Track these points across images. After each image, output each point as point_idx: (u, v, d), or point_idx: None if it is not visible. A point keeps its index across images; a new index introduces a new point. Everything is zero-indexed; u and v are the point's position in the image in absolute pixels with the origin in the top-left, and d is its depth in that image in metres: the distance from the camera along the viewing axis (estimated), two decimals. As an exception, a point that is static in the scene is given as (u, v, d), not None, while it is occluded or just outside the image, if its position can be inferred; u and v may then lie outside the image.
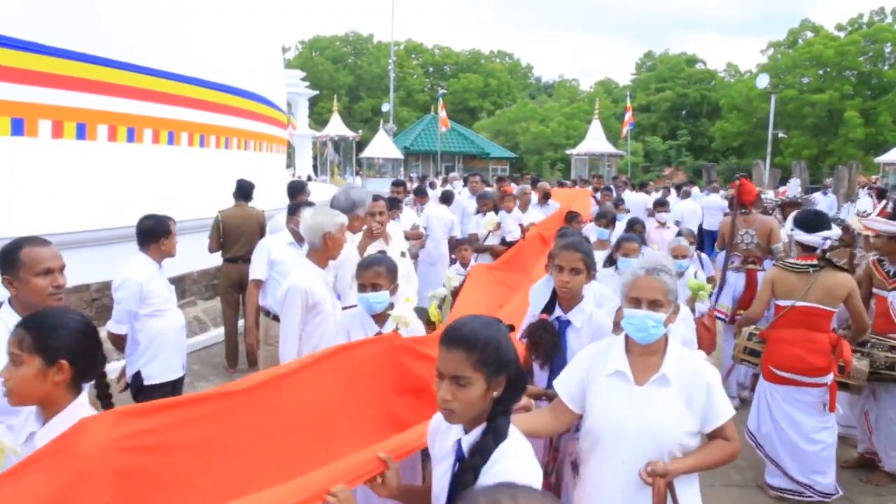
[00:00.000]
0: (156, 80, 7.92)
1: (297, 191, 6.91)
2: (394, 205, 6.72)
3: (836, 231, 4.63)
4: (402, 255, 4.88)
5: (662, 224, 8.73)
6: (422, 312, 4.38)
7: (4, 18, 6.25)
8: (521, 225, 7.74)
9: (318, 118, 42.99)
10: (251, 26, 10.59)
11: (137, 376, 4.03)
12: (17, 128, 6.46)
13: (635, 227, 6.29)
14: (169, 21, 8.21)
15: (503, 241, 7.46)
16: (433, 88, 57.20)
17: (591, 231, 6.48)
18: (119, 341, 4.02)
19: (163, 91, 8.07)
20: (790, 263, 4.43)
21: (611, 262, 4.97)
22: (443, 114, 28.84)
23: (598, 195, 11.08)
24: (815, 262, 4.32)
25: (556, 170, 40.03)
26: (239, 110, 10.15)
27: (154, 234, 4.06)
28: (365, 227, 4.56)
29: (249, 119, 10.65)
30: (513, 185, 13.86)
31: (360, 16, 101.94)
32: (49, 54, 6.62)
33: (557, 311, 3.16)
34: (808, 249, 4.44)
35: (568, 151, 37.47)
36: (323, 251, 3.69)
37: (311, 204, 5.20)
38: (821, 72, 39.56)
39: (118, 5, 7.49)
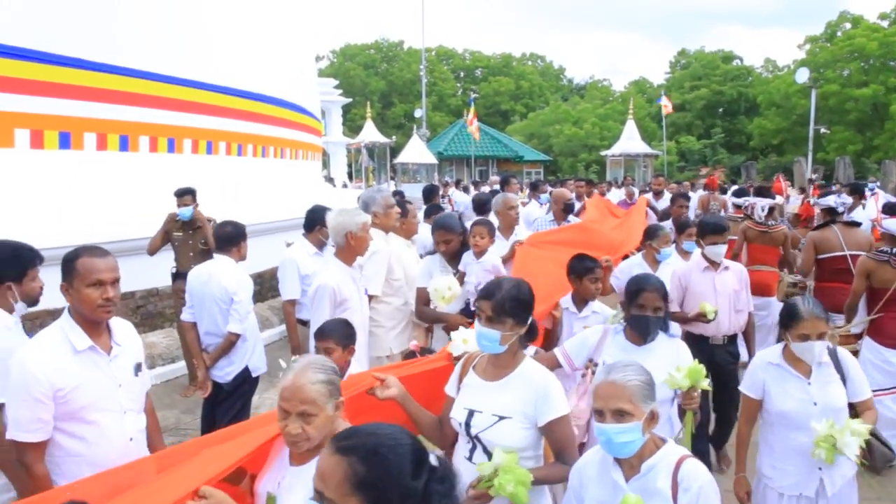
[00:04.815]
0: (194, 92, 8.11)
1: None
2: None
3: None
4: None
5: (687, 256, 5.31)
6: None
7: (52, 37, 6.48)
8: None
9: (352, 125, 43.41)
10: (286, 37, 10.76)
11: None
12: (65, 141, 6.69)
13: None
14: (207, 33, 8.40)
15: (466, 310, 4.33)
16: (465, 93, 57.29)
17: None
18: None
19: (201, 102, 8.26)
20: (764, 227, 6.61)
21: None
22: (473, 121, 28.63)
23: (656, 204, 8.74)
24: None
25: (591, 172, 39.67)
26: (275, 119, 10.32)
27: (235, 238, 4.39)
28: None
29: (285, 127, 10.81)
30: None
31: (390, 22, 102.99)
32: (92, 69, 6.83)
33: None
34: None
35: (602, 153, 37.08)
36: (348, 249, 3.87)
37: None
38: (863, 64, 38.33)
39: (158, 20, 7.69)
